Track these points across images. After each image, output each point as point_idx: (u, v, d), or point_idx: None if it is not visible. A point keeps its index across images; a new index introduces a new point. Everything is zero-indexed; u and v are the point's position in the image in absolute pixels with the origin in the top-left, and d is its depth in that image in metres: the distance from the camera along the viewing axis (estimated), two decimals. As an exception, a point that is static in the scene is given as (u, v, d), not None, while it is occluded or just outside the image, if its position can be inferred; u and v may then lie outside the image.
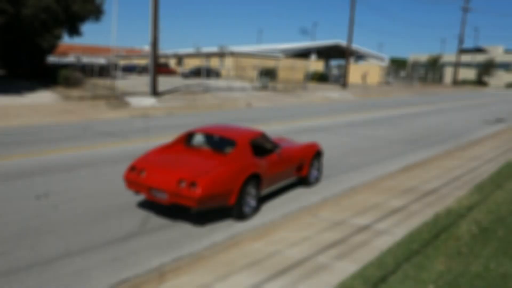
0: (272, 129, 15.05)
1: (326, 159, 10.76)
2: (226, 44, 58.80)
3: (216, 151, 6.84)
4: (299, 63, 46.12)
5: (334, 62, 73.21)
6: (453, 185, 8.69)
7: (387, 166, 10.45)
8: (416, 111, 24.14)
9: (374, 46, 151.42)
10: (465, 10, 64.00)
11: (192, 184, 5.55)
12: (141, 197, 6.82)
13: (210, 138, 7.39)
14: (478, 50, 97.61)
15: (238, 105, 23.36)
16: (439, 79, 75.62)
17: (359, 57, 65.50)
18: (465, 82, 75.19)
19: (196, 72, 41.22)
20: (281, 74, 43.61)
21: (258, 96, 29.78)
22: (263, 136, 7.21)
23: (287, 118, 18.24)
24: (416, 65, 74.33)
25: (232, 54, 48.29)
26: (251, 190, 6.43)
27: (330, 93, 36.40)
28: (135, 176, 6.06)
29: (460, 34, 65.88)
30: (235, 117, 18.22)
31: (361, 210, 6.99)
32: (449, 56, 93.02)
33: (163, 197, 5.79)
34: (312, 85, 44.99)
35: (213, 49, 56.62)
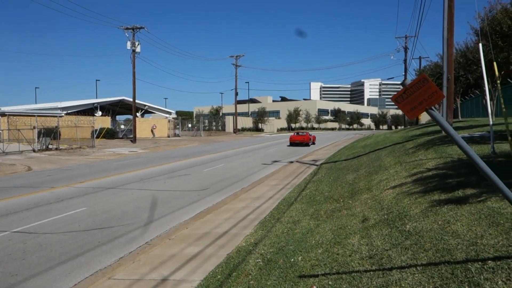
0: (60, 192, 13.90)
1: (117, 218, 10.47)
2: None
3: (303, 134, 38.60)
4: (84, 120, 44.12)
5: (121, 117, 72.40)
6: (241, 225, 9.46)
7: (182, 216, 10.75)
8: (204, 159, 25.55)
9: (160, 100, 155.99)
10: (236, 66, 71.79)
11: (308, 139, 37.23)
12: None
13: (299, 132, 40.51)
14: (252, 100, 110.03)
15: (16, 170, 20.88)
16: (222, 128, 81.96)
17: (147, 111, 66.39)
18: (244, 130, 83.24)
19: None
20: (65, 133, 40.91)
21: (40, 158, 27.24)
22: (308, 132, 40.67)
23: (74, 179, 17.10)
24: (200, 116, 79.14)
25: (4, 114, 43.21)
26: (310, 143, 37.54)
27: (119, 149, 35.70)
28: (292, 139, 37.82)
29: (235, 88, 73.09)
30: (9, 184, 16.21)
31: (158, 263, 7.00)
32: (228, 107, 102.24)
33: (298, 142, 37.01)
34: (101, 141, 43.45)
35: (-21, 109, 49.75)
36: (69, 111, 49.87)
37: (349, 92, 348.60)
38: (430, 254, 4.41)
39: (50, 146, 33.61)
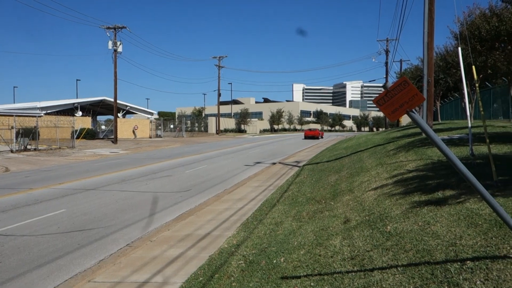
0: (38, 193, 13.65)
1: (98, 220, 10.33)
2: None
3: (314, 130, 55.32)
4: (64, 120, 43.45)
5: (102, 118, 71.60)
6: (224, 226, 9.43)
7: (164, 217, 10.67)
8: (186, 160, 25.40)
9: (141, 101, 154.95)
10: (219, 67, 71.64)
11: (318, 134, 54.25)
12: None
13: (311, 128, 58.78)
14: (235, 102, 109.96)
15: (-8, 171, 20.46)
16: (205, 129, 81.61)
17: (128, 112, 65.74)
18: (227, 131, 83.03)
19: None
20: (44, 133, 40.30)
21: (18, 158, 26.74)
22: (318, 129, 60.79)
23: (53, 181, 16.83)
24: (182, 117, 78.65)
25: (-20, 114, 42.29)
26: (320, 137, 53.94)
27: (100, 149, 35.27)
28: (306, 133, 54.05)
29: (218, 89, 72.94)
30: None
31: (139, 266, 6.93)
32: (211, 108, 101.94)
33: (311, 136, 52.95)
34: (81, 142, 42.87)
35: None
36: (48, 111, 49.10)
37: (331, 94, 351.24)
38: (411, 254, 4.47)
39: (28, 147, 33.03)
